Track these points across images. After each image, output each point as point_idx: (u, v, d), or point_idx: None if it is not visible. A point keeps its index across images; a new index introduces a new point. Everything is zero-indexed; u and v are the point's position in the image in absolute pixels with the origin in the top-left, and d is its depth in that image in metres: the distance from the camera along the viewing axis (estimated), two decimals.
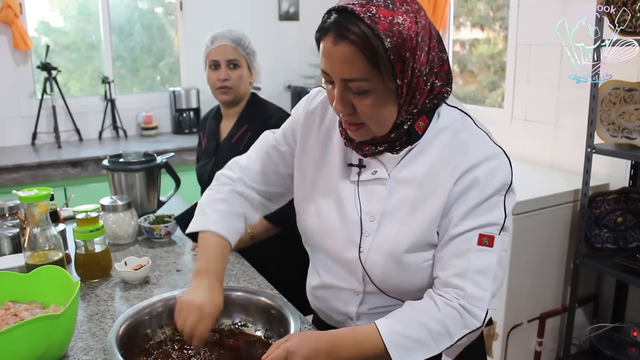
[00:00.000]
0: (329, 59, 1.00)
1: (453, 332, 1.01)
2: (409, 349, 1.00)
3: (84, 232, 1.62)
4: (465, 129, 1.10)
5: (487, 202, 1.05)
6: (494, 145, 1.09)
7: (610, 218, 2.59)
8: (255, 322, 1.27)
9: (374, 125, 1.05)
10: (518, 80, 3.20)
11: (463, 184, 1.05)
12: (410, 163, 1.10)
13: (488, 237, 1.04)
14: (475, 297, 1.02)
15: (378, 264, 1.12)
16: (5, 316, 1.23)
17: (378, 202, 1.12)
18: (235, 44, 1.97)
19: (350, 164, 1.17)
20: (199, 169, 2.13)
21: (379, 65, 0.97)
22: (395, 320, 1.04)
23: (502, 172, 1.06)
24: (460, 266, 1.04)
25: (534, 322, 2.72)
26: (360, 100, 1.02)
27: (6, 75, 3.78)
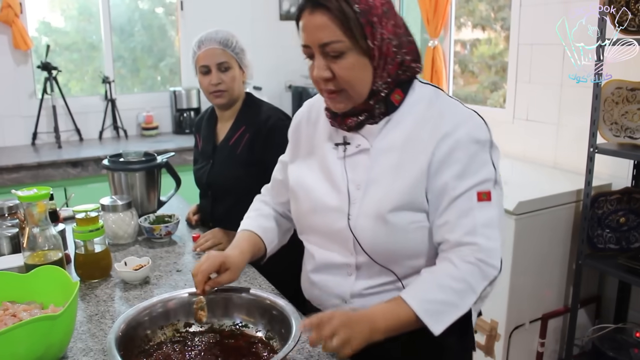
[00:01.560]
0: (307, 30, 1.12)
1: (475, 286, 1.08)
2: (440, 312, 1.05)
3: (84, 232, 1.61)
4: (439, 99, 1.20)
5: (476, 161, 1.13)
6: (466, 109, 1.19)
7: (613, 218, 2.58)
8: (257, 323, 1.26)
9: (352, 89, 1.14)
10: (520, 80, 3.19)
11: (445, 147, 1.13)
12: (390, 132, 1.20)
13: (485, 192, 1.13)
14: (488, 248, 1.10)
15: (366, 228, 1.18)
16: (3, 317, 1.22)
17: (363, 171, 1.21)
18: (223, 46, 1.93)
19: (336, 144, 1.26)
20: (197, 171, 2.11)
21: (351, 27, 1.09)
22: (418, 289, 1.09)
23: (480, 129, 1.16)
24: (468, 225, 1.11)
25: (536, 323, 2.70)
26: (338, 64, 1.12)
27: (6, 75, 3.78)
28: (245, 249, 1.34)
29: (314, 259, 1.31)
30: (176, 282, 1.61)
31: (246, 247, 1.35)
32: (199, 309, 1.24)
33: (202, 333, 1.26)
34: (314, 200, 1.28)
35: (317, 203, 1.27)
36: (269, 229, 1.44)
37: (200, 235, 1.90)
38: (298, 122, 1.41)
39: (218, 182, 1.97)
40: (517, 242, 2.51)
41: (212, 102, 2.02)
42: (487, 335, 2.68)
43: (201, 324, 1.26)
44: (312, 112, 1.38)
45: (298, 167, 1.35)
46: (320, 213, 1.27)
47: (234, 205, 1.63)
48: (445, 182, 1.13)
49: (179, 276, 1.65)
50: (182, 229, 2.04)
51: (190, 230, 2.05)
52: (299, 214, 1.34)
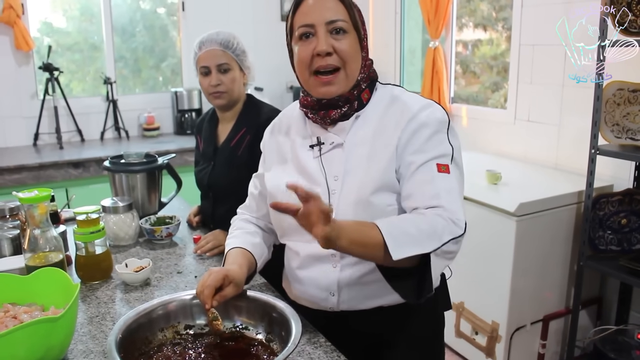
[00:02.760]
0: (314, 9, 1.25)
1: (440, 234, 1.12)
2: (402, 241, 1.09)
3: (85, 233, 1.61)
4: (400, 94, 1.34)
5: (434, 138, 1.24)
6: (424, 99, 1.32)
7: (615, 220, 2.58)
8: (257, 325, 1.26)
9: (348, 67, 1.26)
10: (521, 81, 3.19)
11: (408, 131, 1.25)
12: (360, 128, 1.31)
13: (444, 165, 1.22)
14: (452, 210, 1.16)
15: (348, 214, 1.25)
16: (4, 318, 1.22)
17: (339, 164, 1.30)
18: (224, 47, 1.93)
19: (311, 146, 1.35)
20: (198, 172, 2.11)
21: (354, 14, 1.27)
22: (389, 220, 1.15)
23: (439, 112, 1.28)
24: (431, 190, 1.19)
25: (537, 325, 2.70)
26: (340, 40, 1.25)
27: (8, 75, 3.78)
28: (243, 263, 1.35)
29: (299, 256, 1.37)
30: (177, 284, 1.61)
31: (243, 262, 1.36)
32: (212, 320, 1.23)
33: (202, 335, 1.26)
34: (294, 198, 1.28)
35: (297, 200, 1.28)
36: (257, 245, 1.46)
37: (201, 236, 1.90)
38: (268, 135, 1.51)
39: (219, 184, 1.97)
40: (518, 244, 2.50)
41: (212, 103, 2.02)
42: (488, 336, 2.68)
43: (220, 333, 1.25)
44: (281, 123, 1.48)
45: (274, 174, 1.42)
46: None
47: (235, 207, 1.63)
48: (407, 157, 1.24)
49: (179, 278, 1.65)
50: (183, 231, 2.04)
51: (191, 232, 2.05)
52: (280, 218, 1.36)
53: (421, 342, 1.42)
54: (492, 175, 2.77)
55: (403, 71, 4.34)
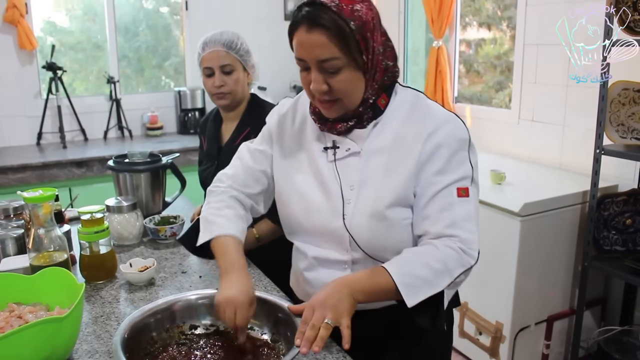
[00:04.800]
0: (305, 46, 1.16)
1: (452, 270, 1.14)
2: (416, 287, 1.12)
3: (89, 233, 1.61)
4: (420, 102, 1.27)
5: (455, 159, 1.21)
6: (447, 111, 1.26)
7: (619, 220, 2.57)
8: (262, 326, 1.26)
9: (347, 99, 1.21)
10: (525, 80, 3.18)
11: (429, 147, 1.21)
12: (378, 135, 1.26)
13: (464, 189, 1.20)
14: (468, 240, 1.17)
15: (362, 226, 1.23)
16: (9, 318, 1.21)
17: (355, 172, 1.26)
18: (227, 48, 1.92)
19: (325, 147, 1.30)
20: (202, 172, 2.11)
21: (348, 45, 1.14)
22: (400, 263, 1.15)
23: (460, 130, 1.23)
24: (449, 218, 1.18)
25: (541, 325, 2.70)
26: (334, 78, 1.17)
27: (12, 75, 3.78)
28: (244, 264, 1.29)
29: (307, 257, 1.35)
30: (181, 284, 1.60)
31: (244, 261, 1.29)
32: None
33: (207, 336, 1.26)
34: (308, 202, 1.31)
35: (311, 205, 1.31)
36: (244, 232, 1.38)
37: None
38: (282, 118, 1.42)
39: None
40: (522, 244, 2.50)
41: (216, 104, 2.02)
42: (492, 337, 2.67)
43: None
44: (296, 112, 1.40)
45: (287, 169, 1.37)
46: (314, 215, 1.30)
47: None
48: (427, 178, 1.21)
49: (184, 278, 1.65)
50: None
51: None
52: (289, 216, 1.36)
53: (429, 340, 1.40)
54: (496, 175, 2.76)
55: (406, 71, 4.34)
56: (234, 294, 1.18)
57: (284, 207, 1.38)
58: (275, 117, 1.44)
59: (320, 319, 1.07)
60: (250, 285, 1.23)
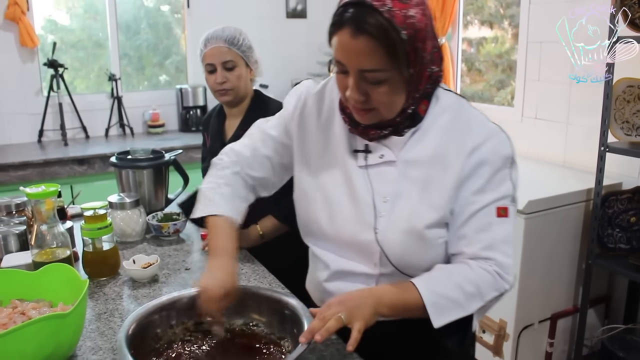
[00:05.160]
0: (346, 52, 1.04)
1: (485, 294, 1.09)
2: (444, 308, 1.07)
3: (92, 229, 1.60)
4: (464, 110, 1.18)
5: (497, 177, 1.13)
6: (491, 124, 1.17)
7: (624, 218, 2.56)
8: (267, 323, 1.24)
9: (385, 111, 1.11)
10: (529, 78, 3.17)
11: (471, 163, 1.13)
12: (416, 145, 1.16)
13: (503, 208, 1.13)
14: (504, 264, 1.12)
15: (397, 242, 1.16)
16: (12, 315, 1.21)
17: (389, 184, 1.17)
18: (229, 44, 1.91)
19: (356, 150, 1.21)
20: (205, 169, 2.08)
21: (396, 57, 1.02)
22: (431, 280, 1.10)
23: (505, 146, 1.15)
24: (486, 239, 1.12)
25: (545, 323, 2.68)
26: (375, 89, 1.07)
27: (13, 72, 3.77)
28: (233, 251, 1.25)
29: (329, 268, 1.26)
30: (185, 281, 1.59)
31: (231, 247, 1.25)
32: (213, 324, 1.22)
33: (212, 332, 1.25)
34: (334, 208, 1.23)
35: (336, 212, 1.22)
36: (242, 212, 1.34)
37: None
38: (303, 107, 1.30)
39: None
40: (526, 242, 2.48)
41: (219, 100, 2.01)
42: (495, 335, 2.66)
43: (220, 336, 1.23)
44: (322, 103, 1.28)
45: (310, 167, 1.28)
46: (340, 223, 1.22)
47: None
48: (466, 197, 1.14)
49: (188, 274, 1.64)
50: (190, 227, 2.02)
51: (198, 229, 2.03)
52: (310, 219, 1.28)
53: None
54: None
55: None
56: (208, 284, 1.16)
57: (304, 208, 1.30)
58: (295, 104, 1.32)
59: (334, 312, 1.03)
60: (232, 273, 1.19)
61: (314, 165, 1.28)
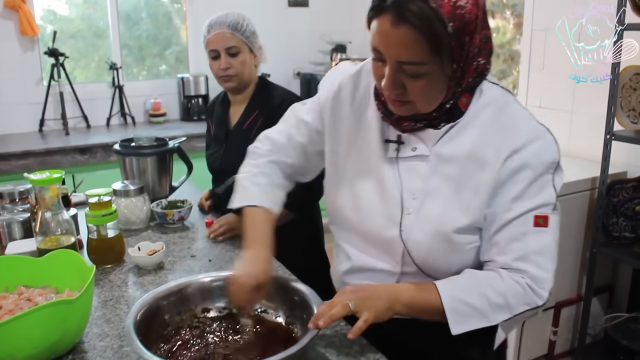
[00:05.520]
0: (385, 40, 0.97)
1: (513, 307, 1.02)
2: (465, 315, 1.01)
3: (97, 216, 1.58)
4: (509, 106, 1.08)
5: (537, 183, 1.04)
6: (536, 123, 1.07)
7: (629, 206, 2.55)
8: (277, 309, 1.23)
9: (421, 105, 1.03)
10: (533, 67, 3.15)
11: (511, 166, 1.04)
12: (452, 140, 1.08)
13: (543, 217, 1.04)
14: (538, 278, 1.03)
15: (422, 243, 1.10)
16: (18, 301, 1.19)
17: (419, 179, 1.10)
18: (232, 30, 1.89)
19: (387, 140, 1.13)
20: (210, 156, 2.08)
21: (439, 51, 0.94)
22: (455, 285, 1.05)
23: (550, 150, 1.05)
24: (520, 250, 1.04)
25: (549, 311, 2.68)
26: (413, 82, 0.99)
27: (13, 61, 3.74)
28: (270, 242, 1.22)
29: (350, 261, 1.23)
30: (191, 268, 1.58)
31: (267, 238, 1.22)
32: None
33: (220, 319, 1.24)
34: (360, 201, 1.17)
35: (362, 205, 1.17)
36: (280, 201, 1.31)
37: (214, 220, 1.87)
38: (338, 91, 1.23)
39: (231, 167, 1.94)
40: None
41: (223, 87, 1.99)
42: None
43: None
44: (357, 88, 1.21)
45: (339, 156, 1.23)
46: (365, 217, 1.17)
47: None
48: (502, 203, 1.05)
49: (193, 262, 1.62)
50: (195, 215, 2.01)
51: (203, 216, 2.02)
52: (337, 209, 1.23)
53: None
54: None
55: None
56: (242, 274, 1.14)
57: (332, 198, 1.25)
58: (329, 88, 1.25)
59: (343, 300, 1.02)
60: (267, 265, 1.17)
61: (344, 152, 1.22)
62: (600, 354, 2.66)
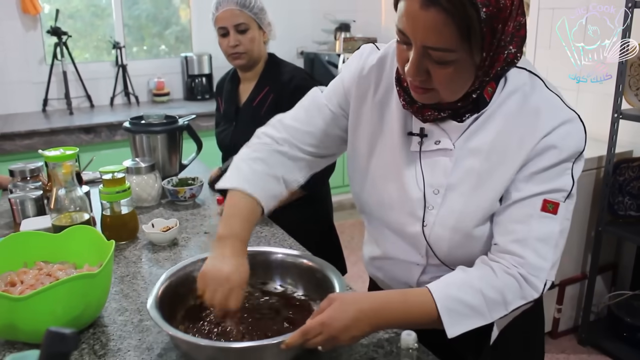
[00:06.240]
0: (412, 23, 0.89)
1: (509, 302, 0.97)
2: (461, 315, 0.96)
3: (111, 193, 1.59)
4: (536, 92, 1.01)
5: (557, 168, 0.98)
6: (567, 109, 1.00)
7: (634, 185, 2.56)
8: (296, 286, 1.24)
9: (445, 93, 0.97)
10: (540, 45, 3.14)
11: (535, 151, 0.98)
12: (477, 132, 1.03)
13: (553, 203, 0.98)
14: (535, 266, 0.98)
15: (444, 239, 1.07)
16: (39, 276, 1.21)
17: (442, 175, 1.05)
18: (241, 7, 1.88)
19: (410, 133, 1.08)
20: (219, 134, 2.09)
21: (469, 37, 0.87)
22: (449, 284, 0.99)
23: (576, 137, 0.99)
24: (520, 232, 0.99)
25: (553, 289, 2.71)
26: (438, 69, 0.93)
27: (16, 40, 3.71)
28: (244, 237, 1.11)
29: (379, 249, 1.21)
30: (205, 244, 1.59)
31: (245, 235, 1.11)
32: None
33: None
34: (382, 195, 1.14)
35: (384, 199, 1.13)
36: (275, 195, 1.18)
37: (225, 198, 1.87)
38: (363, 78, 1.15)
39: (242, 144, 1.94)
40: None
41: (232, 64, 1.99)
42: None
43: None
44: (382, 74, 1.14)
45: (361, 146, 1.17)
46: (387, 211, 1.14)
47: None
48: (516, 181, 1.01)
49: (207, 238, 1.64)
50: (205, 192, 2.02)
51: (213, 193, 2.02)
52: (362, 201, 1.19)
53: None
54: None
55: None
56: (229, 273, 1.04)
57: (357, 190, 1.21)
58: (353, 72, 1.18)
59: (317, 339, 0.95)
60: (246, 261, 1.09)
61: (365, 145, 1.16)
62: (603, 331, 2.70)
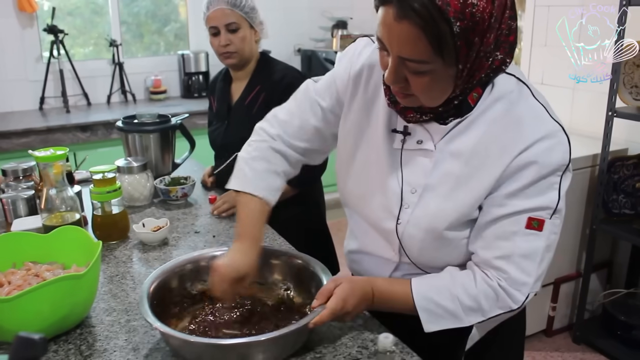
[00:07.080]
0: (388, 33, 0.90)
1: (486, 310, 1.02)
2: (438, 316, 1.04)
3: (101, 193, 1.60)
4: (521, 101, 1.00)
5: (541, 183, 0.97)
6: (551, 120, 0.98)
7: (629, 183, 2.56)
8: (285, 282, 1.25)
9: (424, 99, 0.97)
10: (535, 43, 3.13)
11: (517, 164, 0.97)
12: (459, 135, 1.02)
13: (538, 220, 0.98)
14: (517, 281, 1.00)
15: (415, 239, 1.08)
16: (26, 276, 1.21)
17: (421, 174, 1.06)
18: (231, 6, 1.88)
19: (394, 130, 1.09)
20: (212, 132, 2.09)
21: (442, 51, 0.87)
22: (430, 285, 1.06)
23: (560, 151, 0.97)
24: (505, 249, 1.00)
25: (548, 287, 2.71)
26: (415, 78, 0.92)
27: (12, 38, 3.71)
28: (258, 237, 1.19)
29: (357, 242, 1.25)
30: (195, 244, 1.60)
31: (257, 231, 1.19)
32: None
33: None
34: (363, 190, 1.17)
35: (365, 194, 1.16)
36: (278, 188, 1.24)
37: (217, 197, 1.88)
38: (356, 76, 1.16)
39: (234, 143, 1.94)
40: None
41: (223, 63, 1.99)
42: None
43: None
44: (372, 73, 1.14)
45: (348, 142, 1.19)
46: (367, 203, 1.16)
47: None
48: (498, 197, 1.00)
49: (197, 237, 1.64)
50: (197, 191, 2.02)
51: (206, 193, 2.03)
52: (345, 192, 1.22)
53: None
54: None
55: None
56: (224, 264, 1.12)
57: (342, 183, 1.23)
58: (345, 66, 1.18)
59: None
60: (251, 259, 1.15)
61: (352, 140, 1.18)
62: (597, 329, 2.70)
